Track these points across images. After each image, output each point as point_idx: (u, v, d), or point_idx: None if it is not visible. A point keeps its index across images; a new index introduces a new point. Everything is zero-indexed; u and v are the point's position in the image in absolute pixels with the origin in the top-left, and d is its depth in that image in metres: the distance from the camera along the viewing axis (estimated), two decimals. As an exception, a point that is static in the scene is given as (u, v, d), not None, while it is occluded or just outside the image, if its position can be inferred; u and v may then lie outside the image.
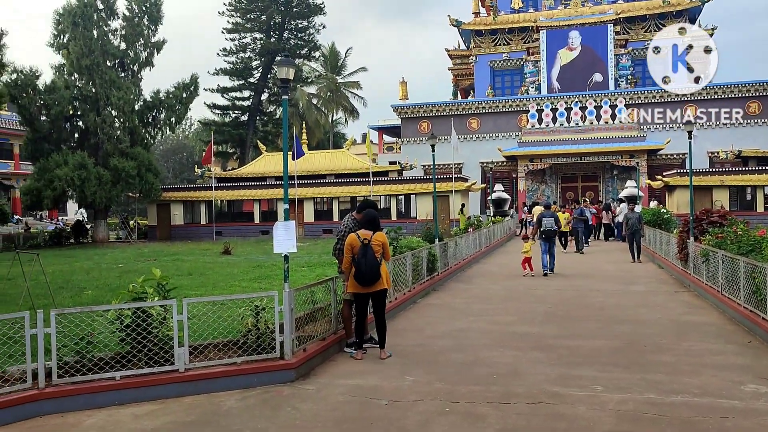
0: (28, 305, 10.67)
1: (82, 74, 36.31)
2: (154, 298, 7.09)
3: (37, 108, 35.66)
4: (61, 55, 36.96)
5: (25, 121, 36.10)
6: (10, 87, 34.06)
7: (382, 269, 7.91)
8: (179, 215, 41.66)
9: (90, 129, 36.61)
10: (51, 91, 35.39)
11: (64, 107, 35.78)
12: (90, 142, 36.79)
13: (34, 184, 35.38)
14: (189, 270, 18.32)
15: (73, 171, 34.25)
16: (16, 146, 47.85)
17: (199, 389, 6.64)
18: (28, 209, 44.20)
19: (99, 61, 35.94)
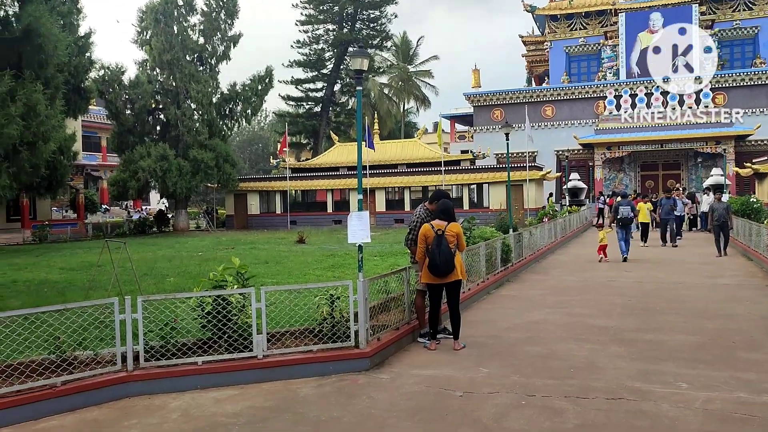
0: (117, 291, 11.19)
1: (164, 69, 37.69)
2: (234, 286, 7.28)
3: (122, 102, 37.33)
4: (144, 51, 38.47)
5: (112, 115, 37.88)
6: (98, 83, 35.79)
7: (456, 260, 7.85)
8: (255, 205, 42.72)
9: (171, 122, 37.98)
10: (135, 86, 36.96)
11: (147, 101, 37.32)
12: (171, 135, 38.18)
13: (119, 175, 37.10)
14: (265, 258, 18.76)
15: (156, 162, 35.67)
16: (103, 139, 50.24)
17: (276, 376, 6.79)
18: (115, 199, 46.39)
19: (179, 56, 37.18)
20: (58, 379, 6.11)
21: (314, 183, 42.40)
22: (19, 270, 17.70)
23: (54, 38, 12.40)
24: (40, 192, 33.22)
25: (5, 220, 37.13)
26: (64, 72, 20.81)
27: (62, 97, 15.41)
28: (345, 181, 41.08)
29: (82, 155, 43.08)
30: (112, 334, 6.59)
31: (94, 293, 11.91)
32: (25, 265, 19.01)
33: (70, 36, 26.32)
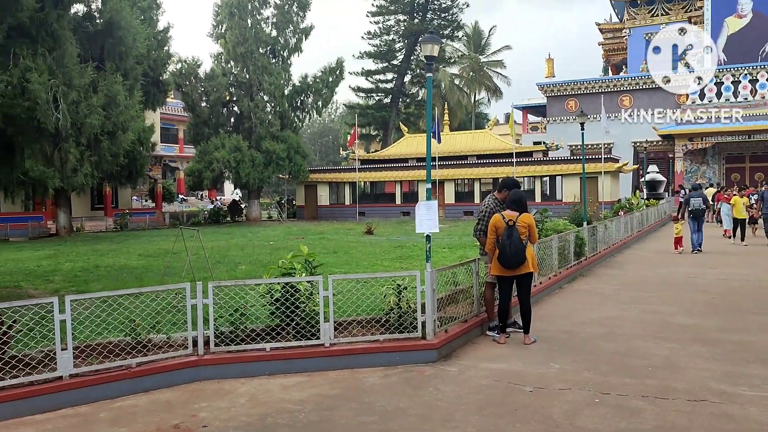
0: (190, 277, 11.49)
1: (238, 62, 38.50)
2: (302, 274, 7.30)
3: (198, 95, 38.42)
4: (219, 44, 39.42)
5: (188, 108, 39.06)
6: (175, 76, 36.96)
7: (527, 252, 7.61)
8: (325, 196, 43.20)
9: (244, 113, 38.81)
10: (210, 78, 37.96)
11: (222, 93, 38.26)
12: (244, 126, 39.03)
13: (195, 166, 38.24)
14: (334, 248, 18.90)
15: (230, 153, 36.56)
16: (180, 131, 51.93)
17: (342, 364, 6.77)
18: (191, 189, 47.93)
19: (252, 49, 37.90)
20: (134, 360, 6.28)
21: (383, 174, 42.47)
22: (102, 256, 18.49)
23: (133, 31, 12.83)
24: (122, 181, 34.67)
25: (90, 209, 38.96)
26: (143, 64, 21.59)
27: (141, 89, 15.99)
28: (414, 172, 40.96)
29: (160, 146, 44.66)
30: (184, 319, 6.72)
31: (169, 279, 12.28)
32: (107, 251, 19.84)
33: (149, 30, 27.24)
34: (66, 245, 23.18)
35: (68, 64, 10.49)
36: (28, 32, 10.49)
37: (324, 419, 5.36)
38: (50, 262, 16.91)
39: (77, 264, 16.33)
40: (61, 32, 10.72)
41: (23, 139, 10.76)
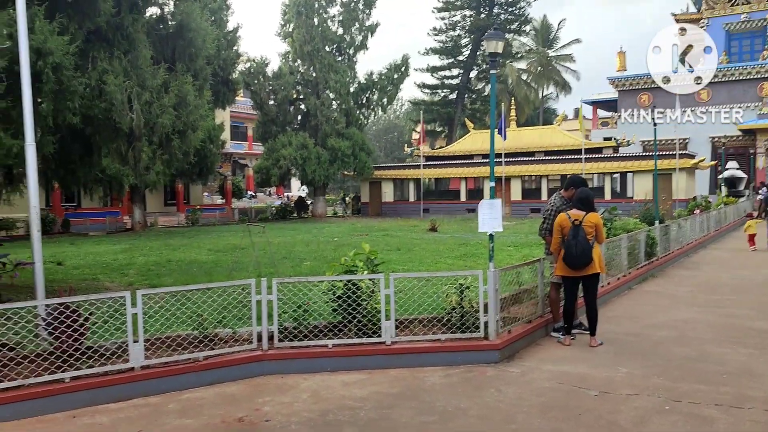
0: (257, 273, 11.74)
1: (304, 60, 39.07)
2: (364, 272, 7.33)
3: (266, 93, 39.22)
4: (286, 43, 40.10)
5: (257, 106, 39.93)
6: (244, 75, 37.84)
7: (594, 252, 7.40)
8: (389, 192, 43.32)
9: (310, 111, 39.36)
10: (278, 77, 38.67)
11: (289, 92, 38.94)
12: (310, 124, 39.58)
13: (263, 163, 39.06)
14: (397, 245, 18.93)
15: (296, 151, 37.16)
16: (249, 129, 53.11)
17: (403, 363, 6.76)
18: (259, 186, 48.99)
19: (319, 47, 38.37)
20: (201, 354, 6.46)
21: (448, 171, 42.24)
22: (174, 250, 19.12)
23: (203, 32, 13.23)
24: (193, 178, 35.79)
25: (163, 204, 40.40)
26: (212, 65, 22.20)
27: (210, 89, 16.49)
28: (479, 169, 40.55)
29: (230, 144, 45.84)
30: (250, 314, 6.86)
31: (236, 274, 12.57)
32: (178, 246, 20.51)
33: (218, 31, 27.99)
34: (140, 240, 24.11)
35: (142, 66, 10.91)
36: (106, 36, 10.96)
37: (384, 417, 5.37)
38: (125, 256, 17.62)
39: (150, 258, 16.95)
40: (135, 35, 11.16)
41: (100, 139, 11.27)
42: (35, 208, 7.23)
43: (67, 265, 15.31)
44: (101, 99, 10.25)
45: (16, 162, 9.56)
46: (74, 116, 9.79)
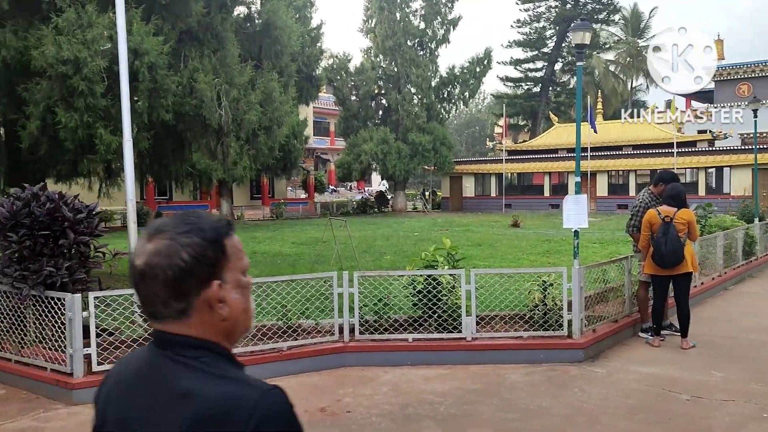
0: (338, 266, 11.92)
1: (386, 55, 39.26)
2: (444, 267, 7.32)
3: (348, 89, 39.70)
4: (368, 38, 40.41)
5: (339, 101, 40.49)
6: (327, 71, 38.44)
7: (686, 250, 7.07)
8: (470, 187, 42.96)
9: (391, 106, 39.53)
10: (360, 72, 39.05)
11: (371, 87, 39.24)
12: (391, 119, 39.76)
13: (345, 158, 39.60)
14: (478, 241, 18.76)
15: (377, 146, 37.44)
16: (331, 124, 53.94)
17: (484, 359, 6.70)
18: (341, 181, 49.70)
19: (401, 42, 38.46)
20: (284, 344, 6.63)
21: (531, 165, 41.43)
22: (259, 243, 19.71)
23: (289, 30, 13.52)
24: (278, 173, 36.73)
25: (249, 198, 41.68)
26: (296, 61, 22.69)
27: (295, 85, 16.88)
28: (563, 163, 39.55)
29: (312, 139, 46.72)
30: (332, 306, 6.98)
31: (318, 267, 12.81)
32: (263, 239, 21.13)
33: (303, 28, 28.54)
34: (228, 232, 24.92)
35: (230, 64, 11.28)
36: (196, 36, 11.40)
37: (464, 413, 5.34)
38: (214, 248, 18.27)
39: (237, 250, 17.51)
40: (224, 34, 11.55)
41: (191, 135, 11.74)
42: (132, 200, 7.62)
43: (160, 256, 16.04)
44: (192, 96, 10.65)
45: (115, 157, 10.12)
46: (167, 113, 10.25)
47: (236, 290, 1.27)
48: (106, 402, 1.33)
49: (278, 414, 1.19)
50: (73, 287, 6.34)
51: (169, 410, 1.18)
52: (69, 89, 9.19)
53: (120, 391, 1.30)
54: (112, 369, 1.39)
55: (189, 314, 1.22)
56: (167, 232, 1.23)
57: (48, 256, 6.32)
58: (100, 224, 6.82)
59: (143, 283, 1.23)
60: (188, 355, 1.22)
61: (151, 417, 1.21)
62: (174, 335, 1.23)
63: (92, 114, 9.31)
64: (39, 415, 5.53)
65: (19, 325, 6.45)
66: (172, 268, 1.20)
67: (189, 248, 1.21)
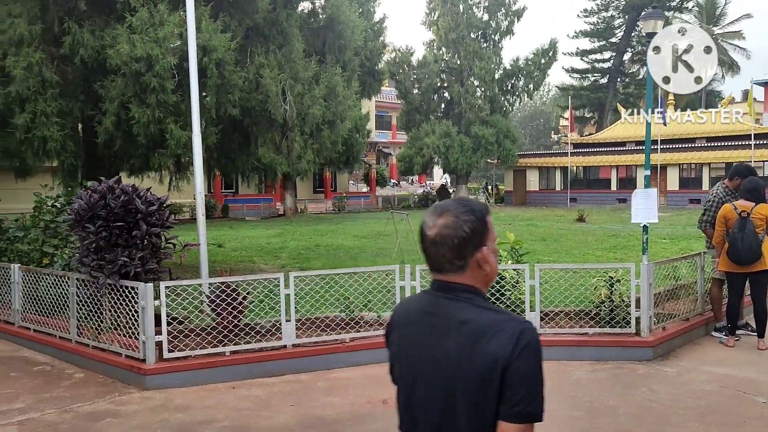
0: (399, 259, 11.96)
1: (449, 48, 39.01)
2: (508, 262, 7.23)
3: (410, 82, 39.66)
4: (431, 31, 40.23)
5: (401, 95, 40.50)
6: (390, 65, 38.49)
7: (764, 247, 6.76)
8: (534, 181, 42.27)
9: (454, 99, 39.26)
10: (422, 66, 38.95)
11: (433, 80, 39.09)
12: (454, 112, 39.50)
13: (406, 152, 39.61)
14: (542, 236, 18.46)
15: (439, 139, 37.29)
16: (393, 118, 54.03)
17: (548, 355, 6.49)
18: (402, 174, 49.76)
19: (464, 34, 38.13)
20: (347, 335, 6.71)
21: (597, 159, 40.41)
22: (321, 235, 19.97)
23: (352, 24, 13.58)
24: (340, 167, 37.06)
25: (312, 192, 42.25)
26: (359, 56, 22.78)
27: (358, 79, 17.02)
28: (632, 156, 38.40)
29: (374, 133, 46.91)
30: (394, 300, 7.01)
31: (380, 260, 12.89)
32: (326, 231, 21.40)
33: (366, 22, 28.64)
34: (291, 225, 25.42)
35: (295, 59, 11.43)
36: (262, 32, 11.60)
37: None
38: (278, 240, 18.66)
39: (301, 242, 17.83)
40: (289, 30, 11.70)
41: (257, 129, 11.97)
42: (201, 193, 7.85)
43: (226, 248, 16.52)
44: (258, 92, 10.85)
45: (184, 151, 10.42)
46: (234, 108, 10.48)
47: (493, 254, 1.77)
48: (398, 333, 1.88)
49: (533, 339, 1.68)
50: (145, 277, 6.59)
51: (452, 332, 1.71)
52: (142, 86, 9.51)
53: (408, 323, 1.85)
54: (395, 311, 1.94)
55: (465, 269, 1.74)
56: (451, 211, 1.74)
57: (122, 247, 6.59)
58: (170, 216, 7.06)
59: (434, 247, 1.75)
60: (463, 296, 1.74)
61: (437, 337, 1.74)
62: (453, 283, 1.75)
63: (163, 110, 9.61)
64: (114, 398, 5.78)
65: (95, 313, 6.76)
66: (458, 237, 1.71)
67: (468, 223, 1.72)
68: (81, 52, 9.83)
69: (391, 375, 1.95)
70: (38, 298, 7.58)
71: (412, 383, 1.82)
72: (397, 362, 1.88)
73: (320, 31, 13.15)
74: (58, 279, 7.26)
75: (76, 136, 11.55)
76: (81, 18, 10.31)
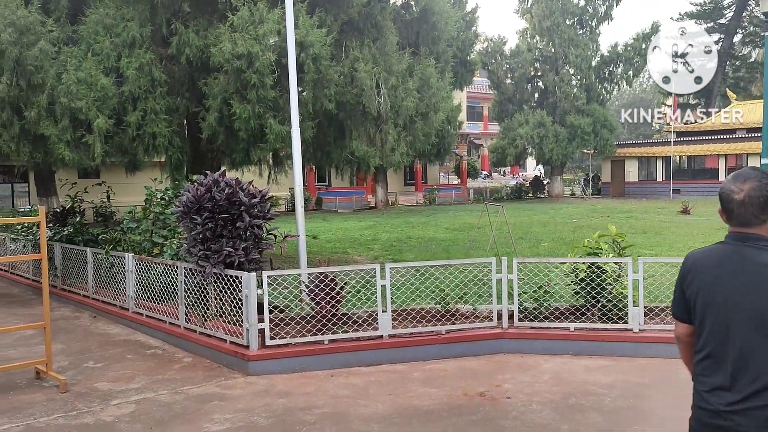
0: (494, 252, 11.81)
1: (543, 36, 38.02)
2: (609, 255, 7.00)
3: (503, 72, 39.01)
4: (524, 19, 39.35)
5: (493, 85, 39.93)
6: (481, 55, 38.02)
7: None
8: (634, 172, 40.59)
9: (548, 88, 38.26)
10: (515, 55, 38.21)
11: (526, 69, 38.26)
12: (548, 101, 38.52)
13: (499, 143, 39.02)
14: (643, 228, 17.73)
15: (533, 129, 36.48)
16: (485, 108, 53.33)
17: (653, 352, 6.33)
18: (494, 166, 49.10)
19: (558, 21, 37.05)
20: (443, 327, 6.71)
21: (704, 148, 38.29)
22: (413, 228, 20.04)
23: (445, 15, 13.51)
24: (431, 159, 37.00)
25: (403, 184, 42.42)
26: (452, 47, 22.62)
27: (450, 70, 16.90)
28: (743, 144, 36.10)
29: (466, 124, 46.44)
30: (489, 292, 6.95)
31: (473, 253, 12.79)
32: (417, 224, 21.45)
33: (458, 12, 28.38)
34: (383, 217, 25.66)
35: (389, 52, 11.50)
36: (357, 26, 11.74)
37: (632, 407, 5.10)
38: (370, 232, 18.88)
39: (392, 235, 17.96)
40: (383, 23, 11.78)
41: (351, 123, 12.14)
42: (300, 186, 8.06)
43: (321, 239, 16.88)
44: (353, 85, 10.99)
45: (283, 145, 10.74)
46: (330, 102, 10.67)
47: None
48: (697, 276, 2.36)
49: None
50: (248, 266, 6.85)
51: (754, 272, 2.22)
52: (243, 82, 9.85)
53: (710, 267, 2.33)
54: (689, 259, 2.44)
55: (765, 223, 2.24)
56: (754, 178, 2.26)
57: (227, 238, 6.87)
58: (271, 208, 7.29)
59: (742, 207, 2.25)
60: (762, 245, 2.23)
61: (743, 276, 2.23)
62: (754, 234, 2.25)
63: (263, 105, 9.92)
64: (221, 382, 6.05)
65: (202, 300, 7.09)
66: (763, 197, 2.22)
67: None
68: (186, 52, 10.31)
69: (677, 312, 2.52)
70: (149, 286, 8.04)
71: (717, 316, 2.27)
72: (700, 299, 2.33)
73: (413, 23, 13.16)
74: (167, 268, 7.67)
75: (182, 132, 12.15)
76: (186, 19, 10.80)
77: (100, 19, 10.27)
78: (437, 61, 13.89)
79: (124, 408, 5.41)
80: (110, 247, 9.27)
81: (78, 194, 12.71)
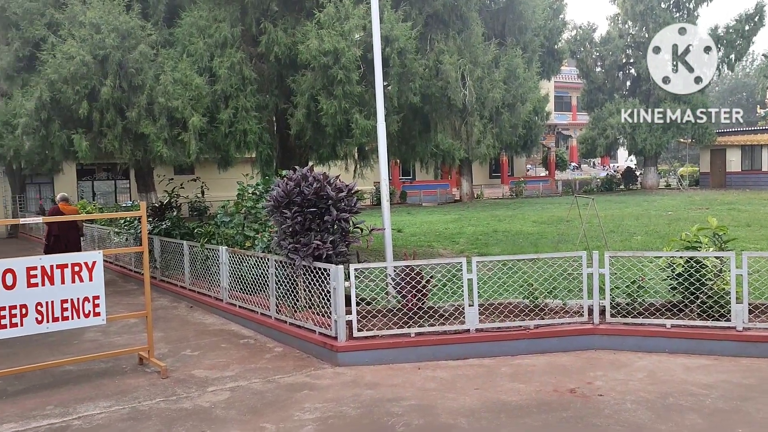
0: (584, 246, 11.48)
1: (636, 21, 36.51)
2: (709, 249, 6.65)
3: (592, 60, 37.75)
4: (615, 5, 37.89)
5: (582, 74, 38.69)
6: (570, 43, 36.95)
7: None
8: (736, 161, 38.32)
9: (642, 76, 36.68)
10: (605, 42, 36.88)
11: (618, 56, 36.88)
12: (641, 89, 36.96)
13: (588, 133, 37.81)
14: (747, 221, 16.72)
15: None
16: (573, 98, 51.79)
17: (758, 352, 5.98)
18: (583, 157, 47.64)
19: (653, 5, 35.45)
20: (531, 322, 6.59)
21: (814, 134, 35.69)
22: (499, 221, 19.76)
23: (532, 4, 13.23)
24: (517, 151, 36.38)
25: (488, 177, 41.89)
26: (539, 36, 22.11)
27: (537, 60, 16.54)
28: None
29: (553, 115, 45.28)
30: (579, 287, 6.76)
31: (562, 246, 12.48)
32: (503, 217, 21.14)
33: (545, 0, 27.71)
34: (468, 210, 25.45)
35: (474, 44, 11.38)
36: (442, 18, 11.68)
37: (735, 409, 4.83)
38: (455, 226, 18.77)
39: (478, 228, 17.78)
40: (468, 14, 11.66)
41: (436, 116, 12.13)
42: (385, 180, 8.10)
43: (406, 233, 16.95)
44: (438, 78, 10.95)
45: (368, 140, 10.84)
46: (415, 96, 10.69)
47: None
48: None
49: None
50: (336, 259, 6.96)
51: None
52: (329, 78, 10.03)
53: None
54: None
55: None
56: None
57: (315, 231, 7.01)
58: (357, 202, 7.38)
59: None
60: None
61: None
62: None
63: (349, 100, 10.07)
64: (310, 372, 6.20)
65: (292, 292, 7.27)
66: None
67: None
68: (275, 50, 10.58)
69: None
70: (241, 278, 8.33)
71: None
72: None
73: (499, 13, 12.97)
74: (258, 260, 7.91)
75: (271, 129, 12.50)
76: (275, 18, 11.08)
77: (194, 21, 10.70)
78: (524, 51, 13.62)
79: (220, 395, 5.64)
80: (205, 240, 9.66)
81: (174, 190, 13.33)
